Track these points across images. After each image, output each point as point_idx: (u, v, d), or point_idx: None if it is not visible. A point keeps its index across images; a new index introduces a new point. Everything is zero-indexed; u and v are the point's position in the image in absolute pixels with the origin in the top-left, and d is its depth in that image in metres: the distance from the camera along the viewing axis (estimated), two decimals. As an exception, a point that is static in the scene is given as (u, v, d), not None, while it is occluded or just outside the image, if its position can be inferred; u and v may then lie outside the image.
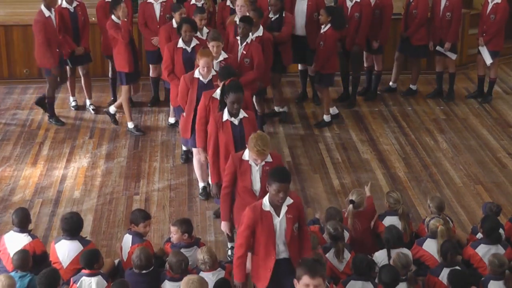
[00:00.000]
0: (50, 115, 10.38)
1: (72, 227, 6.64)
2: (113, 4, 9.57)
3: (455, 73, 11.28)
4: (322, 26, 9.92)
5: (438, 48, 11.00)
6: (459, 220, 8.04)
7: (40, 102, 10.47)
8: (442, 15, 10.84)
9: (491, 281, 6.27)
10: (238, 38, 8.96)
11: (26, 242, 6.64)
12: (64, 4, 10.23)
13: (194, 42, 8.74)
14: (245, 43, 8.89)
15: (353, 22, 10.50)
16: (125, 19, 9.49)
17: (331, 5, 10.33)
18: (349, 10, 10.49)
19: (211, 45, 8.21)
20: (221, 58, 8.34)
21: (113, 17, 9.56)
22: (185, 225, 6.77)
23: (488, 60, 10.98)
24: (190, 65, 8.54)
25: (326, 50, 9.88)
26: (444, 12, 10.82)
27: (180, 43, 8.73)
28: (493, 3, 10.80)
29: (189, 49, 8.72)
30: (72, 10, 10.23)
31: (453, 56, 11.00)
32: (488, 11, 10.84)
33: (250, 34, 8.95)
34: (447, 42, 10.87)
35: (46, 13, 9.86)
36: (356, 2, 10.44)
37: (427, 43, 11.07)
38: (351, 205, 7.03)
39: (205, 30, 9.22)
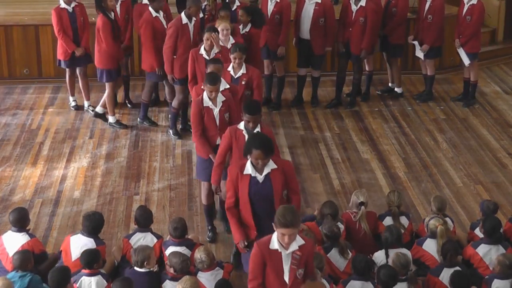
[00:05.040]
0: (141, 117, 10.34)
1: (91, 224, 6.70)
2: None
3: (434, 76, 11.17)
4: (241, 26, 9.65)
5: (413, 42, 10.97)
6: (459, 220, 8.04)
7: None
8: (424, 17, 10.80)
9: (495, 280, 6.27)
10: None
11: (24, 242, 6.65)
12: (63, 5, 10.19)
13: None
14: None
15: (357, 26, 10.47)
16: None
17: (249, 5, 10.13)
18: (354, 14, 10.45)
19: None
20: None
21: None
22: (170, 225, 6.82)
23: (466, 61, 10.84)
24: None
25: (251, 50, 9.63)
26: (426, 14, 10.77)
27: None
28: (468, 4, 10.64)
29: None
30: (70, 10, 10.20)
31: (421, 55, 10.89)
32: (464, 13, 10.70)
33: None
34: (425, 44, 10.82)
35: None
36: (361, 6, 10.40)
37: (405, 43, 11.09)
38: (363, 208, 7.03)
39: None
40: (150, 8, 9.70)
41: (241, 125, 6.82)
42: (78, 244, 6.65)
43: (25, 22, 11.63)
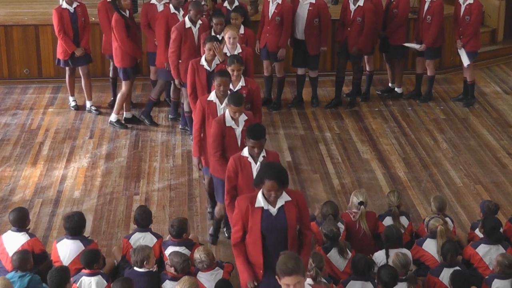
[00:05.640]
0: (144, 113, 10.35)
1: (71, 225, 6.64)
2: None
3: (434, 76, 11.19)
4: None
5: (406, 44, 10.96)
6: (459, 220, 8.05)
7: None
8: (423, 18, 10.80)
9: (495, 280, 6.28)
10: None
11: (24, 241, 6.64)
12: (64, 5, 10.19)
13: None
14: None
15: (355, 25, 10.47)
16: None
17: (238, 5, 10.00)
18: (352, 13, 10.46)
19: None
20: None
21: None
22: (170, 225, 6.81)
23: (466, 61, 10.82)
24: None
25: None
26: (426, 15, 10.77)
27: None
28: (465, 4, 10.66)
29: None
30: (72, 11, 10.20)
31: (416, 47, 10.88)
32: (462, 13, 10.71)
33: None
34: (423, 44, 10.80)
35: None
36: (359, 6, 10.41)
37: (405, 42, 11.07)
38: (362, 207, 7.02)
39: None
40: (170, 5, 9.72)
41: (245, 152, 6.40)
42: (66, 249, 6.62)
43: (25, 22, 11.63)
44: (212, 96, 7.43)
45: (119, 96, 10.16)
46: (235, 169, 6.38)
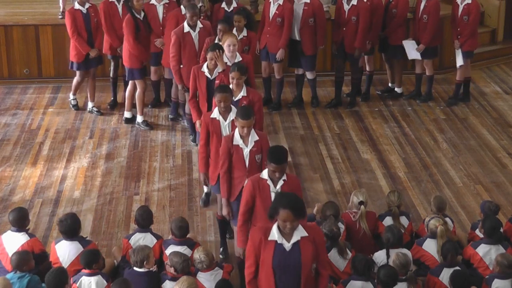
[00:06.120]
0: (172, 113, 10.43)
1: (66, 229, 6.64)
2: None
3: (433, 76, 11.19)
4: (236, 31, 9.42)
5: (403, 42, 10.95)
6: (459, 220, 8.05)
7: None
8: (420, 17, 10.80)
9: (495, 280, 6.28)
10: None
11: (23, 241, 6.64)
12: (77, 6, 10.13)
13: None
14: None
15: (350, 25, 10.48)
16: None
17: (240, 8, 9.98)
18: (346, 13, 10.46)
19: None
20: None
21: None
22: (174, 224, 6.80)
23: (459, 62, 10.84)
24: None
25: (252, 54, 9.60)
26: (422, 14, 10.76)
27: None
28: (463, 4, 10.66)
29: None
30: (84, 11, 10.15)
31: (418, 56, 10.86)
32: (460, 13, 10.71)
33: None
34: (421, 44, 10.79)
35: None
36: (353, 5, 10.41)
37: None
38: (362, 207, 7.02)
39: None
40: (181, 6, 9.70)
41: (264, 174, 6.08)
42: (65, 250, 6.61)
43: (25, 22, 11.64)
44: (215, 113, 7.15)
45: (136, 97, 10.11)
46: (252, 192, 6.10)
